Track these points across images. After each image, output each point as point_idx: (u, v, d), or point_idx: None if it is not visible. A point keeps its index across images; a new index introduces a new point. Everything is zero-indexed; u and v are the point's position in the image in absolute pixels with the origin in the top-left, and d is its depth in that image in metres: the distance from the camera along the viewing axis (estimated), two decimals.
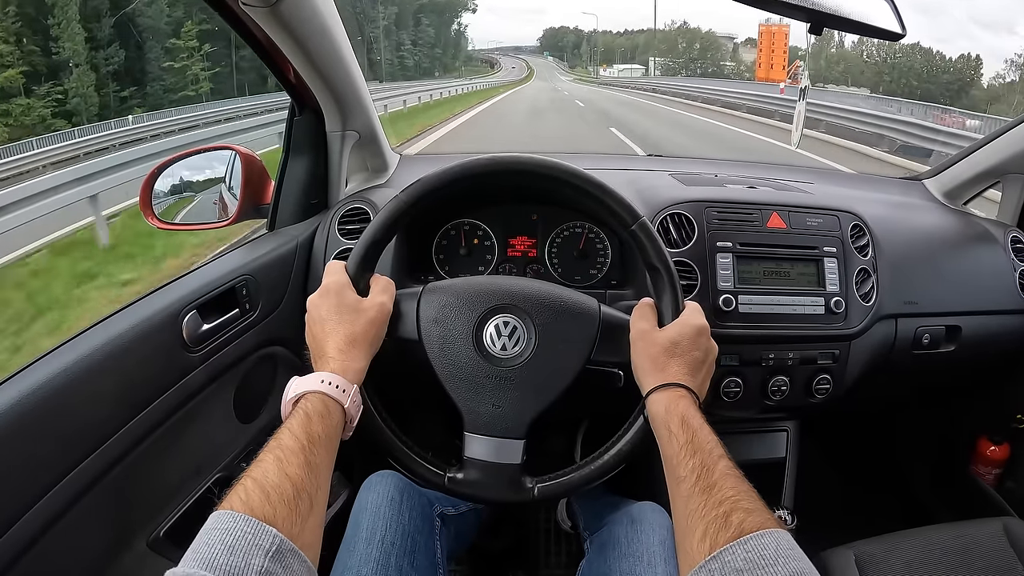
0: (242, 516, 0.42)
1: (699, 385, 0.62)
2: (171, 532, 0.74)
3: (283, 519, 0.44)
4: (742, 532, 0.45)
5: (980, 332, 1.00)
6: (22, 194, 3.95)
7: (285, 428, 0.51)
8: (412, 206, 0.66)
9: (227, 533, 0.41)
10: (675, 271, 0.65)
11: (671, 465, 0.55)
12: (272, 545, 0.42)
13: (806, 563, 0.44)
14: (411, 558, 0.70)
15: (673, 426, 0.56)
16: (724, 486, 0.50)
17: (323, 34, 0.78)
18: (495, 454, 0.63)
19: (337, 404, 0.56)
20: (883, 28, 0.84)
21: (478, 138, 10.60)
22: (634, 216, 0.65)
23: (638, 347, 0.64)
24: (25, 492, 0.55)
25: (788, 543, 0.45)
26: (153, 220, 0.95)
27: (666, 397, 0.59)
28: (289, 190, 0.96)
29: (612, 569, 0.71)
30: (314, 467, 0.49)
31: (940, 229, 1.08)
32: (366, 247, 0.65)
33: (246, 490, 0.45)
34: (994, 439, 1.16)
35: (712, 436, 0.55)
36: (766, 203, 0.91)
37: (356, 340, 0.60)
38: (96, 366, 0.62)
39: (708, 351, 0.64)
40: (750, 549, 0.44)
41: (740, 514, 0.47)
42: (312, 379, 0.56)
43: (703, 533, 0.47)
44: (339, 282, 0.63)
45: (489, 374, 0.64)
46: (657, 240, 0.66)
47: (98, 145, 10.52)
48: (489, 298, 0.66)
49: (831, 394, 0.91)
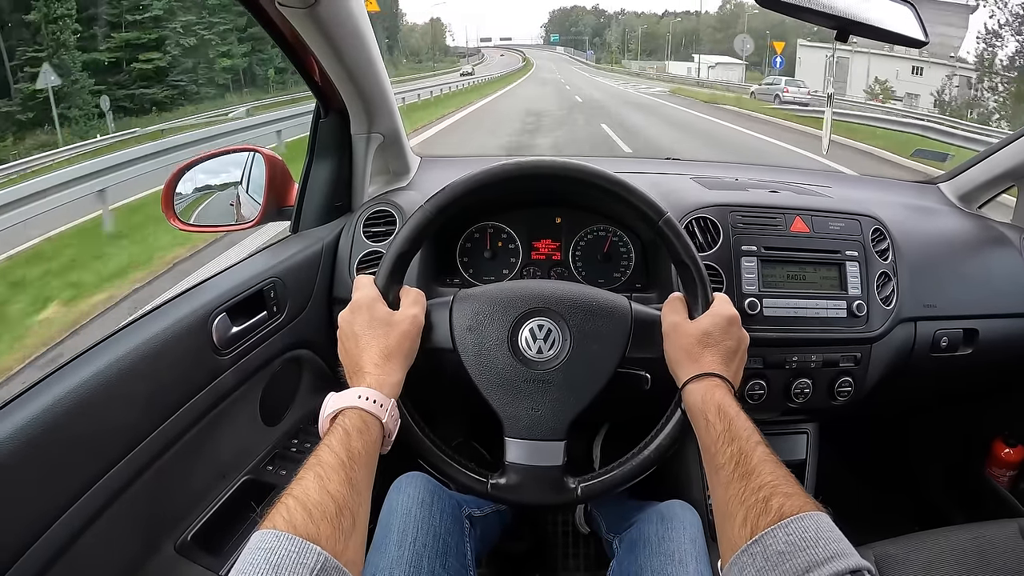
0: (285, 535, 0.42)
1: (733, 374, 0.62)
2: (198, 536, 0.74)
3: (326, 537, 0.44)
4: (782, 516, 0.46)
5: (997, 335, 1.01)
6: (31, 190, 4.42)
7: (324, 445, 0.51)
8: (438, 215, 0.66)
9: (271, 552, 0.41)
10: (702, 264, 0.66)
11: (709, 453, 0.56)
12: (316, 563, 0.41)
13: (846, 544, 0.45)
14: (443, 560, 0.71)
15: (710, 415, 0.57)
16: (763, 471, 0.50)
17: (355, 36, 0.78)
18: (537, 457, 0.63)
19: (375, 419, 0.55)
20: (907, 35, 0.85)
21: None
22: (659, 213, 0.66)
23: (671, 340, 0.64)
24: (58, 497, 0.55)
25: (828, 525, 0.46)
26: (175, 221, 0.94)
27: (702, 387, 0.60)
28: (313, 192, 0.96)
29: (644, 568, 0.72)
30: (355, 484, 0.49)
31: (957, 233, 1.09)
32: (394, 260, 0.65)
33: (288, 509, 0.44)
34: (1009, 441, 1.17)
35: (749, 423, 0.56)
36: (789, 207, 0.92)
37: (391, 354, 0.60)
38: (128, 369, 0.62)
39: (740, 340, 0.64)
40: (791, 532, 0.45)
41: (780, 498, 0.48)
42: (349, 395, 0.56)
43: (744, 518, 0.48)
44: (369, 296, 0.63)
45: (527, 378, 0.64)
46: (683, 235, 0.66)
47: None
48: (522, 303, 0.66)
49: (852, 397, 0.92)
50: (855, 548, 0.84)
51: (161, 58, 22.20)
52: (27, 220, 4.28)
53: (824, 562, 0.42)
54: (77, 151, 9.83)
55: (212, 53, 25.23)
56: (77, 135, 15.45)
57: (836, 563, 0.42)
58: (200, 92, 23.75)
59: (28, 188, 4.47)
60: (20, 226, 4.26)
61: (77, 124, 17.80)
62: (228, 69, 26.16)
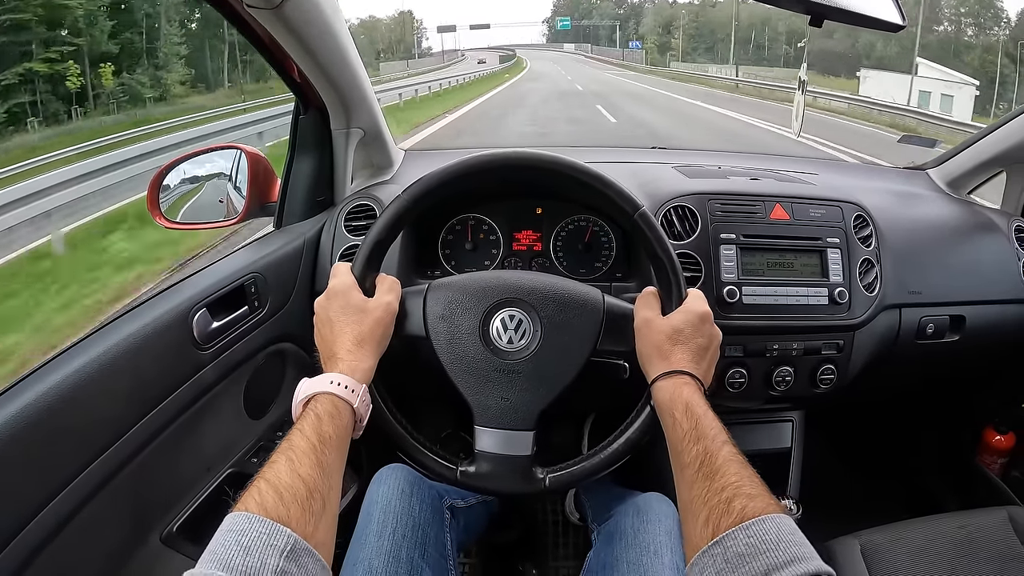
0: (257, 517, 0.43)
1: (704, 372, 0.62)
2: (184, 527, 0.76)
3: (297, 519, 0.44)
4: (744, 517, 0.46)
5: (984, 322, 1.00)
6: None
7: (296, 430, 0.52)
8: (415, 205, 0.66)
9: (242, 534, 0.42)
10: (677, 259, 0.66)
11: (676, 452, 0.56)
12: (287, 545, 0.42)
13: (808, 548, 0.44)
14: (422, 550, 0.71)
15: (677, 413, 0.57)
16: (727, 472, 0.51)
17: (327, 33, 0.78)
18: (505, 446, 0.64)
19: (347, 404, 0.56)
20: (884, 19, 0.84)
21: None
22: (634, 206, 0.66)
23: (642, 335, 0.64)
24: (41, 490, 0.56)
25: (790, 528, 0.46)
26: (160, 219, 0.96)
27: (671, 384, 0.60)
28: (295, 188, 0.96)
29: (619, 559, 0.72)
30: (326, 467, 0.50)
31: (944, 219, 1.08)
32: (370, 248, 0.65)
33: (260, 491, 0.45)
34: (1000, 428, 1.17)
35: (716, 423, 0.56)
36: (769, 195, 0.92)
37: (364, 340, 0.61)
38: (108, 366, 0.63)
39: (712, 338, 0.64)
40: (752, 534, 0.45)
41: (743, 500, 0.48)
42: (321, 380, 0.57)
43: (706, 518, 0.48)
44: (345, 283, 0.64)
45: (497, 368, 0.65)
46: (658, 229, 0.66)
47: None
48: (494, 293, 0.67)
49: (836, 384, 0.92)
50: (841, 536, 0.84)
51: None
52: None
53: (784, 565, 0.42)
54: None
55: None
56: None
57: (796, 567, 0.42)
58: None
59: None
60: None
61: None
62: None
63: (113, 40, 19.56)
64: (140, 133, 8.52)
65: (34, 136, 13.90)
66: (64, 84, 17.11)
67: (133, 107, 18.39)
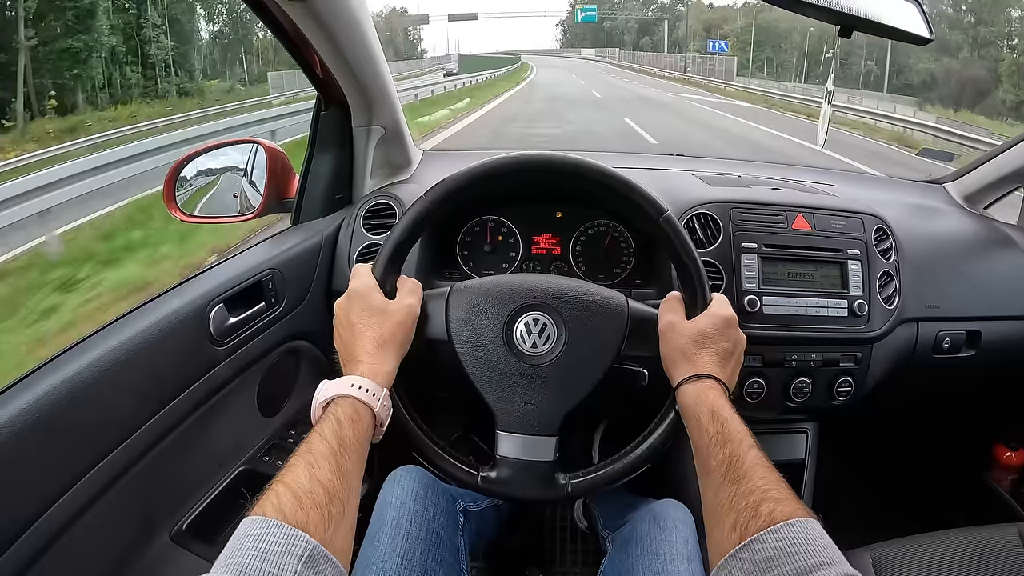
0: (274, 522, 0.42)
1: (728, 376, 0.62)
2: (193, 525, 0.75)
3: (315, 524, 0.44)
4: (772, 521, 0.46)
5: (1000, 337, 1.00)
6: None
7: (315, 433, 0.51)
8: (437, 207, 0.66)
9: (260, 539, 0.41)
10: (701, 264, 0.65)
11: (701, 456, 0.56)
12: (305, 551, 0.41)
13: (835, 552, 0.44)
14: (435, 553, 0.70)
15: (703, 417, 0.57)
16: (754, 476, 0.50)
17: (354, 29, 0.78)
18: (528, 452, 0.63)
19: (367, 408, 0.55)
20: (911, 32, 0.84)
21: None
22: (659, 211, 0.65)
23: (667, 339, 0.64)
24: (52, 484, 0.55)
25: (818, 532, 0.45)
26: (176, 212, 0.95)
27: (696, 388, 0.59)
28: (314, 184, 0.96)
29: (635, 566, 0.72)
30: (345, 472, 0.49)
31: (962, 233, 1.08)
32: (392, 249, 0.65)
33: (278, 496, 0.44)
34: (1010, 445, 1.16)
35: (742, 426, 0.55)
36: (791, 205, 0.91)
37: (385, 343, 0.60)
38: (124, 359, 0.62)
39: (737, 342, 0.64)
40: (780, 538, 0.45)
41: (770, 504, 0.47)
42: (342, 383, 0.56)
43: (733, 522, 0.48)
44: (366, 285, 0.63)
45: (520, 372, 0.64)
46: (682, 234, 0.66)
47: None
48: (518, 296, 0.66)
49: (852, 396, 0.91)
50: (854, 549, 0.84)
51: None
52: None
53: (812, 569, 0.42)
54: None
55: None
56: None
57: (824, 571, 0.42)
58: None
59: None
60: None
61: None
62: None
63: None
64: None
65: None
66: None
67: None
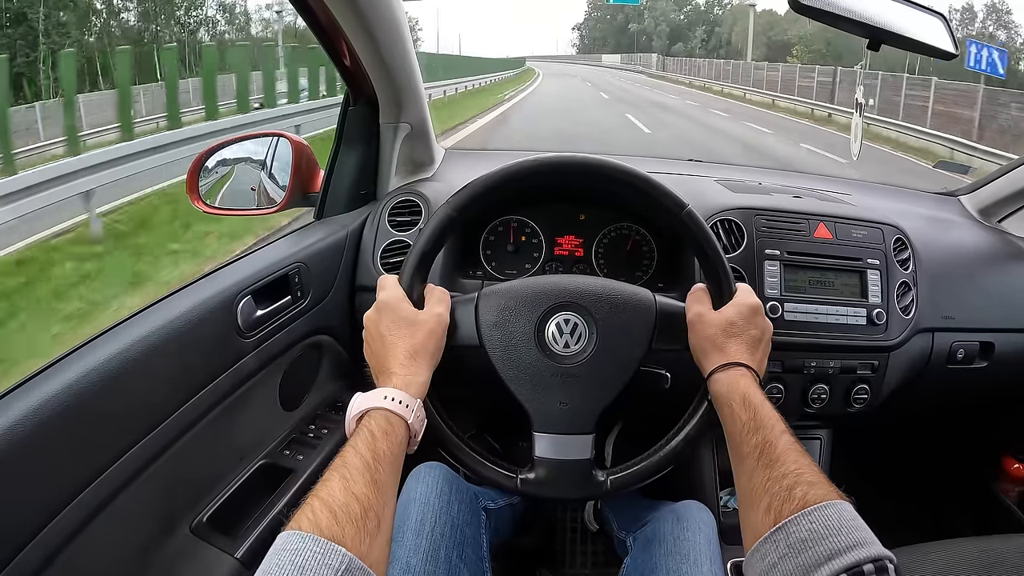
0: (310, 536, 0.42)
1: (758, 363, 0.63)
2: (213, 518, 0.74)
3: (351, 538, 0.44)
4: (806, 504, 0.47)
5: (1012, 349, 1.01)
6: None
7: (350, 447, 0.51)
8: (460, 214, 0.66)
9: (296, 554, 0.41)
10: (723, 255, 0.66)
11: (735, 443, 0.57)
12: (341, 564, 0.41)
13: (868, 533, 0.45)
14: (460, 550, 0.71)
15: (735, 405, 0.57)
16: (787, 460, 0.51)
17: (390, 22, 0.78)
18: (566, 451, 0.63)
19: (401, 420, 0.55)
20: (937, 47, 0.86)
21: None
22: (680, 205, 0.66)
23: (696, 330, 0.65)
24: (80, 474, 0.55)
25: (851, 514, 0.46)
26: (199, 204, 0.95)
27: (727, 377, 0.60)
28: (339, 179, 0.96)
29: (659, 566, 0.72)
30: (380, 485, 0.49)
31: (977, 246, 1.09)
32: (417, 259, 0.64)
33: (313, 510, 0.45)
34: (1019, 456, 1.17)
35: (774, 412, 0.56)
36: (813, 213, 0.92)
37: (417, 353, 0.60)
38: (153, 347, 0.62)
39: (764, 329, 0.65)
40: (814, 520, 0.45)
41: (803, 487, 0.48)
42: (375, 395, 0.56)
43: (767, 506, 0.49)
44: (394, 296, 0.63)
45: (554, 372, 0.64)
46: (705, 227, 0.66)
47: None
48: (547, 297, 0.66)
49: (868, 404, 0.92)
50: None
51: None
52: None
53: (846, 550, 0.43)
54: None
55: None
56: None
57: (858, 552, 0.43)
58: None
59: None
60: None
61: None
62: None
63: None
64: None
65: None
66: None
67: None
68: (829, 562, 0.43)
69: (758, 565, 0.48)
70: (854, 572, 0.42)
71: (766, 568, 0.47)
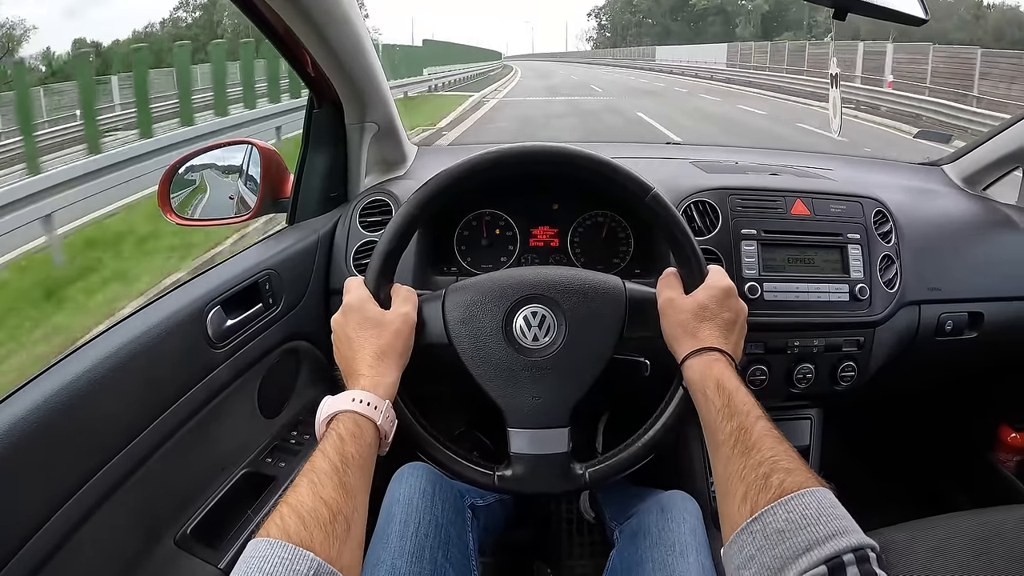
0: (278, 543, 0.42)
1: (733, 347, 0.62)
2: (197, 529, 0.74)
3: (319, 543, 0.44)
4: (783, 492, 0.46)
5: (1002, 318, 1.00)
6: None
7: (319, 451, 0.51)
8: (422, 211, 0.65)
9: (264, 560, 0.41)
10: (693, 237, 0.65)
11: (710, 430, 0.55)
12: (309, 569, 0.41)
13: (849, 521, 0.44)
14: (445, 550, 0.70)
15: (709, 391, 0.56)
16: (763, 447, 0.50)
17: (344, 23, 0.77)
18: (541, 445, 0.63)
19: (369, 422, 0.55)
20: (906, 13, 0.84)
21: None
22: (645, 189, 0.65)
23: (667, 316, 0.63)
24: (53, 493, 0.55)
25: (830, 501, 0.45)
26: (171, 216, 0.94)
27: (700, 362, 0.59)
28: (309, 183, 0.95)
29: (644, 558, 0.71)
30: (349, 488, 0.49)
31: (962, 215, 1.07)
32: (382, 259, 0.64)
33: (282, 516, 0.45)
34: (1016, 426, 1.16)
35: (749, 398, 0.55)
36: (789, 190, 0.91)
37: (384, 354, 0.60)
38: (121, 364, 0.62)
39: (738, 312, 0.63)
40: (791, 509, 0.44)
41: (780, 474, 0.47)
42: (343, 398, 0.56)
43: (743, 495, 0.48)
44: (360, 298, 0.62)
45: (525, 366, 0.63)
46: (671, 209, 0.65)
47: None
48: (514, 291, 0.65)
49: (856, 381, 0.91)
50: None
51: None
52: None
53: (825, 540, 0.42)
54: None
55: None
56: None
57: (837, 541, 0.41)
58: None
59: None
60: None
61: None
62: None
63: None
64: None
65: None
66: None
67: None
68: (807, 553, 0.41)
69: (736, 558, 0.47)
70: (833, 563, 0.41)
71: (744, 561, 0.45)
